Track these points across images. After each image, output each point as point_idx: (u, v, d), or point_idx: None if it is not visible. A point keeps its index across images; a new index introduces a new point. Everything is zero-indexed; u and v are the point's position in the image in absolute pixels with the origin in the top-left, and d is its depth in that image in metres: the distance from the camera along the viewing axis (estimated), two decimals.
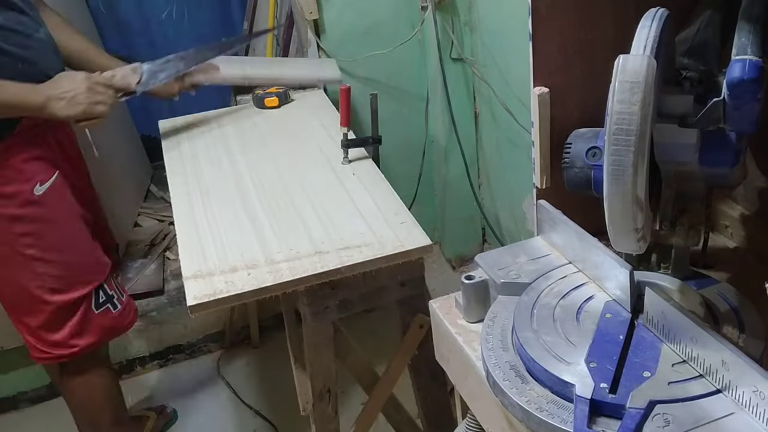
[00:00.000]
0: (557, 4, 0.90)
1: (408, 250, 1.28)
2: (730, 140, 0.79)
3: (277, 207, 1.45)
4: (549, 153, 0.96)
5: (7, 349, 2.29)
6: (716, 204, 1.05)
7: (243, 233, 1.37)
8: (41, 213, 1.53)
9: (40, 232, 1.54)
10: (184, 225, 1.43)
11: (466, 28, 2.30)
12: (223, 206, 1.48)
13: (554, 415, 0.70)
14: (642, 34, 0.73)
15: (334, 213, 1.41)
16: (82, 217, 1.62)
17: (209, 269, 1.27)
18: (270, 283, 1.22)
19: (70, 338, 1.63)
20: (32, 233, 1.53)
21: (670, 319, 0.73)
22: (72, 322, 1.62)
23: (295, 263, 1.26)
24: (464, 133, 2.40)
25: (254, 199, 1.49)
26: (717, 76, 0.81)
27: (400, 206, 1.41)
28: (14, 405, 2.40)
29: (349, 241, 1.31)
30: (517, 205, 2.29)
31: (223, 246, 1.33)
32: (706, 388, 0.68)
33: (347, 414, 1.61)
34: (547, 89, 0.93)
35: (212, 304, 1.20)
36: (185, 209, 1.48)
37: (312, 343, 1.42)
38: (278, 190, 1.52)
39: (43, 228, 1.54)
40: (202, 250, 1.33)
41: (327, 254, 1.28)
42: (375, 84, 2.35)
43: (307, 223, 1.38)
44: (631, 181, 0.69)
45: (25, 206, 1.51)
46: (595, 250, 0.84)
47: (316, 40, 2.25)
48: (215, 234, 1.38)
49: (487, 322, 0.85)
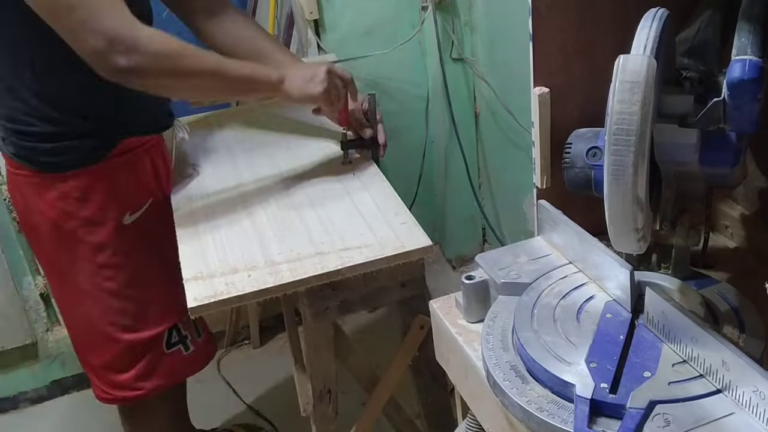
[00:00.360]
0: (557, 4, 0.90)
1: (409, 250, 1.28)
2: (730, 140, 0.79)
3: (277, 207, 1.45)
4: (549, 153, 0.96)
5: (7, 349, 2.29)
6: (716, 204, 1.05)
7: (243, 234, 1.37)
8: (127, 244, 1.43)
9: (123, 264, 1.43)
10: (184, 226, 1.43)
11: (466, 28, 2.30)
12: (223, 207, 1.48)
13: (554, 415, 0.70)
14: (642, 34, 0.73)
15: (334, 214, 1.41)
16: (168, 249, 1.42)
17: (210, 271, 1.27)
18: (271, 284, 1.22)
19: (136, 380, 1.50)
20: (114, 265, 1.42)
21: (670, 319, 0.73)
22: (141, 363, 1.49)
23: (295, 264, 1.26)
24: (464, 133, 2.40)
25: (254, 200, 1.49)
26: (717, 76, 0.81)
27: (400, 206, 1.41)
28: (14, 405, 2.40)
29: (349, 242, 1.31)
30: (517, 205, 2.29)
31: (224, 247, 1.33)
32: (707, 388, 0.68)
33: (347, 414, 1.61)
34: (547, 89, 0.93)
35: (213, 306, 1.19)
36: (185, 210, 1.48)
37: (312, 344, 1.42)
38: (278, 190, 1.51)
39: (127, 260, 1.43)
40: (202, 251, 1.33)
41: (327, 255, 1.28)
42: (375, 84, 2.35)
43: (307, 224, 1.38)
44: (631, 181, 0.69)
45: (113, 235, 1.40)
46: (596, 250, 0.84)
47: (316, 40, 2.25)
48: (215, 235, 1.37)
49: (487, 322, 0.85)
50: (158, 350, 1.50)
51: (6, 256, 2.19)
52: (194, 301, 1.19)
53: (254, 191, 1.52)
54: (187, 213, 1.47)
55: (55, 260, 1.46)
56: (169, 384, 1.56)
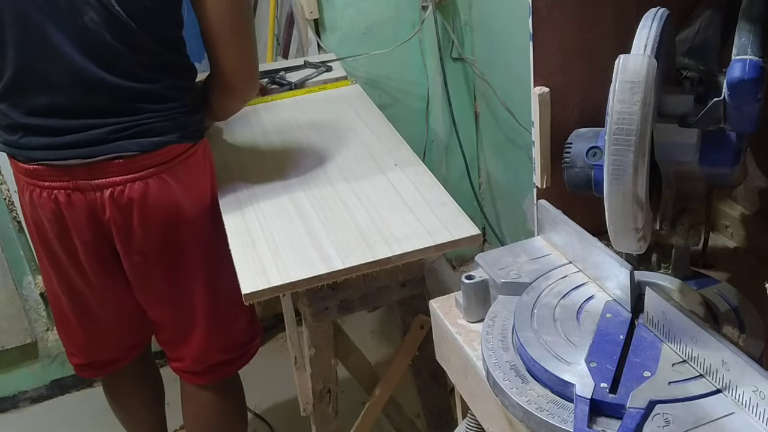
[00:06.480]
0: (557, 4, 0.90)
1: (457, 239, 1.28)
2: (730, 140, 0.79)
3: (321, 197, 1.45)
4: (549, 153, 0.96)
5: (7, 349, 2.29)
6: (716, 204, 1.05)
7: (291, 225, 1.38)
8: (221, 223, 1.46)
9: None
10: (233, 218, 1.43)
11: (466, 27, 2.30)
12: (268, 198, 1.48)
13: (554, 415, 0.70)
14: (642, 34, 0.73)
15: (379, 203, 1.41)
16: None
17: (261, 260, 1.29)
18: (323, 272, 1.24)
19: (251, 339, 1.65)
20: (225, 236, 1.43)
21: (670, 319, 0.73)
22: (252, 316, 1.62)
23: (346, 252, 1.27)
24: (464, 133, 2.40)
25: (299, 190, 1.49)
26: (717, 76, 0.81)
27: (445, 196, 1.41)
28: (14, 405, 2.40)
29: (397, 231, 1.31)
30: (517, 205, 2.29)
31: (273, 238, 1.34)
32: (706, 388, 0.68)
33: (347, 414, 1.61)
34: (547, 89, 0.93)
35: (267, 292, 1.22)
36: (231, 199, 1.49)
37: (312, 344, 1.42)
38: (321, 181, 1.52)
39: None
40: (252, 241, 1.34)
41: (376, 244, 1.28)
42: (375, 84, 2.35)
43: (353, 213, 1.38)
44: (631, 181, 0.69)
45: (216, 209, 1.47)
46: (596, 250, 0.84)
47: (316, 40, 2.25)
48: (264, 226, 1.38)
49: (487, 322, 0.85)
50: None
51: (6, 256, 2.19)
52: (249, 288, 1.22)
53: (297, 182, 1.53)
54: (232, 201, 1.49)
55: (210, 245, 1.48)
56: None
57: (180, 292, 1.49)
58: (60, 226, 1.40)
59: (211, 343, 1.56)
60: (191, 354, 1.57)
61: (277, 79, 2.02)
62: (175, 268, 1.47)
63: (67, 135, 1.32)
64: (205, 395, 1.63)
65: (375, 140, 1.66)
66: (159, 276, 1.47)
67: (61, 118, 1.32)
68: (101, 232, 1.40)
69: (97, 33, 1.27)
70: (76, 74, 1.29)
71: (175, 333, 1.56)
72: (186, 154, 1.41)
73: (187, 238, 1.45)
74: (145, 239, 1.41)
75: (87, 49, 1.28)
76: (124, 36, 1.29)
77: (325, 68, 2.06)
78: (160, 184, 1.37)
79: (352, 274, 1.25)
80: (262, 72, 2.02)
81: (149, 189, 1.36)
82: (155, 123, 1.35)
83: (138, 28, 1.29)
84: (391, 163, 1.55)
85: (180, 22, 1.37)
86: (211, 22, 1.34)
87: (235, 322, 1.57)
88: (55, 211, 1.38)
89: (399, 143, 1.64)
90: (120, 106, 1.33)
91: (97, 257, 1.45)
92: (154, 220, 1.39)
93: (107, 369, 1.69)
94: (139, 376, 1.77)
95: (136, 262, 1.44)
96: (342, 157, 1.61)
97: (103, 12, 1.26)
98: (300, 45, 2.33)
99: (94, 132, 1.32)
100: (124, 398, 1.78)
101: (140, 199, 1.36)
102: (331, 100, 1.94)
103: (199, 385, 1.62)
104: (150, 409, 1.83)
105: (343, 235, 1.32)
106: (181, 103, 1.39)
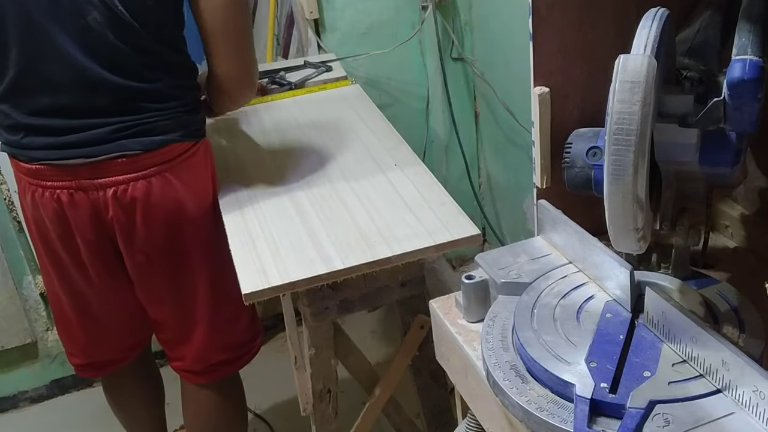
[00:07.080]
0: (557, 4, 0.90)
1: (457, 239, 1.28)
2: (730, 140, 0.79)
3: (321, 197, 1.46)
4: (549, 153, 0.96)
5: (7, 349, 2.29)
6: (716, 204, 1.05)
7: (291, 225, 1.38)
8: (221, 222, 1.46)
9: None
10: (232, 218, 1.43)
11: (466, 27, 2.30)
12: (268, 198, 1.48)
13: (554, 415, 0.70)
14: (642, 34, 0.73)
15: (379, 203, 1.41)
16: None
17: (261, 259, 1.29)
18: (322, 272, 1.24)
19: (253, 339, 1.63)
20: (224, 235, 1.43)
21: (670, 319, 0.73)
22: (253, 316, 1.61)
23: (346, 252, 1.27)
24: (464, 133, 2.40)
25: (299, 190, 1.49)
26: (717, 76, 0.81)
27: (444, 196, 1.42)
28: (14, 405, 2.40)
29: (397, 231, 1.31)
30: (517, 205, 2.29)
31: (273, 238, 1.34)
32: (706, 388, 0.68)
33: (347, 414, 1.61)
34: (547, 89, 0.93)
35: (267, 292, 1.23)
36: (231, 199, 1.49)
37: (312, 344, 1.42)
38: (321, 180, 1.52)
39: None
40: (252, 241, 1.34)
41: (376, 244, 1.28)
42: (375, 84, 2.35)
43: (353, 213, 1.39)
44: (631, 181, 0.69)
45: (217, 208, 1.48)
46: (596, 250, 0.84)
47: (316, 40, 2.25)
48: (264, 226, 1.38)
49: (487, 322, 0.85)
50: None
51: (6, 255, 2.19)
52: (249, 288, 1.22)
53: (297, 182, 1.53)
54: (232, 201, 1.49)
55: (211, 244, 1.47)
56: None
57: (182, 290, 1.49)
58: (62, 225, 1.40)
59: (212, 342, 1.55)
60: (192, 353, 1.57)
61: (277, 79, 2.02)
62: (177, 266, 1.47)
63: (69, 135, 1.32)
64: (205, 395, 1.63)
65: (375, 140, 1.66)
66: (161, 275, 1.47)
67: (64, 118, 1.32)
68: (104, 232, 1.40)
69: (100, 33, 1.27)
70: (79, 74, 1.29)
71: (177, 332, 1.56)
72: (188, 152, 1.41)
73: (189, 237, 1.45)
74: (148, 238, 1.41)
75: (90, 49, 1.28)
76: (126, 36, 1.29)
77: (325, 68, 2.07)
78: (162, 182, 1.37)
79: (352, 274, 1.25)
80: (262, 72, 2.02)
81: (152, 188, 1.37)
82: (157, 122, 1.35)
83: (140, 27, 1.29)
84: (391, 163, 1.55)
85: (181, 22, 1.37)
86: (207, 26, 1.35)
87: (237, 322, 1.57)
88: (57, 210, 1.38)
89: (399, 143, 1.64)
90: (122, 106, 1.33)
91: (100, 257, 1.45)
92: (157, 219, 1.39)
93: (107, 369, 1.69)
94: (139, 377, 1.77)
95: (139, 261, 1.44)
96: (342, 157, 1.61)
97: (106, 12, 1.26)
98: (300, 45, 2.33)
99: (97, 131, 1.32)
100: (124, 398, 1.78)
101: (143, 198, 1.36)
102: (331, 100, 1.94)
103: (199, 384, 1.62)
104: (150, 409, 1.83)
105: (343, 235, 1.32)
106: (182, 102, 1.39)
